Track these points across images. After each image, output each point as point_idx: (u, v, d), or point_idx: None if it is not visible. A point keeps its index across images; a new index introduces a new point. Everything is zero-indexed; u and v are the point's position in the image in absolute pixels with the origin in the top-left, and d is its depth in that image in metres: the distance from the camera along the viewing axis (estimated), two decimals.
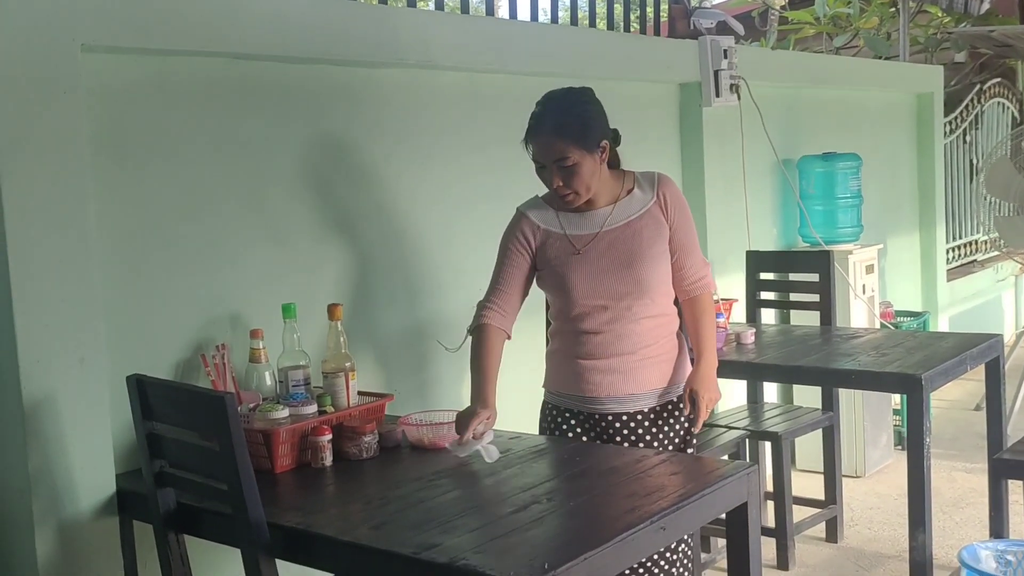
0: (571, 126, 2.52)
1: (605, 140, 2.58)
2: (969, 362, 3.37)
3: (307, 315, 2.80)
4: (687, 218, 2.70)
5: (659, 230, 2.64)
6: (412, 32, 3.10)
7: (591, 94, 2.64)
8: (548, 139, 2.52)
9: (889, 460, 4.93)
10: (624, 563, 1.93)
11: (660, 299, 2.66)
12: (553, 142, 2.51)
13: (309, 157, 2.93)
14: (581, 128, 2.52)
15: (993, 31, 7.01)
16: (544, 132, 2.53)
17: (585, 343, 2.64)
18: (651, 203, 2.65)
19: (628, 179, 2.69)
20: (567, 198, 2.58)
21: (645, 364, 2.64)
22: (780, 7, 8.66)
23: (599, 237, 2.62)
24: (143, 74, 2.54)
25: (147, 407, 2.22)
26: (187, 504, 2.25)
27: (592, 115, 2.58)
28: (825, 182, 4.94)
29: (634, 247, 2.61)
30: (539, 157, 2.56)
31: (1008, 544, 3.20)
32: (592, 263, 2.61)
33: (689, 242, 2.70)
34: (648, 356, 2.65)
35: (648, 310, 2.63)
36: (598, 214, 2.64)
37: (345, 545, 1.97)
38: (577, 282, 2.61)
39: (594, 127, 2.56)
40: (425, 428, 2.57)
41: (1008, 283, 7.78)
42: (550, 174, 2.55)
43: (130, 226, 2.53)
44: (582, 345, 2.64)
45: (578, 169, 2.53)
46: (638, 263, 2.60)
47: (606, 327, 2.61)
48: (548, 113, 2.56)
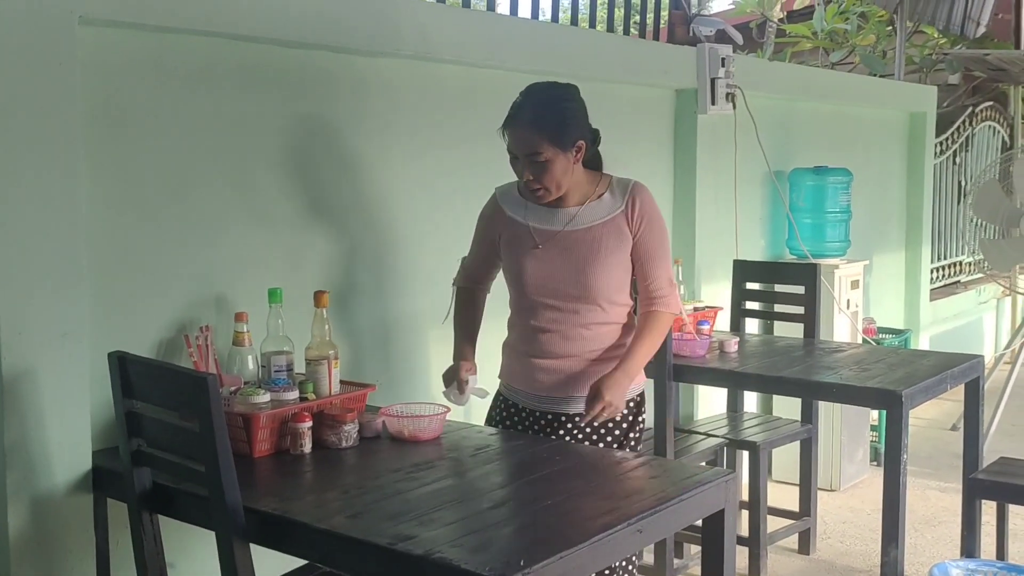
0: (549, 122, 2.49)
1: (582, 140, 2.55)
2: (950, 381, 3.39)
3: (293, 301, 2.79)
4: (656, 231, 2.63)
5: (620, 239, 2.60)
6: (412, 23, 3.09)
7: (575, 92, 2.60)
8: (524, 132, 2.50)
9: (864, 475, 4.96)
10: (600, 563, 1.93)
11: (611, 308, 2.62)
12: (528, 135, 2.49)
13: (303, 143, 2.92)
14: (559, 125, 2.50)
15: (988, 55, 7.06)
16: (521, 124, 2.50)
17: (534, 340, 2.65)
18: (618, 211, 2.60)
19: (603, 182, 2.65)
20: (536, 192, 2.56)
21: (590, 368, 2.62)
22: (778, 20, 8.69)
23: (559, 236, 2.60)
24: (140, 50, 2.52)
25: (127, 385, 2.20)
26: (163, 484, 2.24)
27: (572, 113, 2.55)
28: (815, 195, 4.96)
29: (590, 253, 2.58)
30: (513, 148, 2.54)
31: (979, 564, 3.22)
32: (547, 261, 2.60)
33: (655, 255, 2.63)
34: (593, 360, 2.62)
35: (596, 317, 2.61)
36: (564, 212, 2.61)
37: (320, 532, 1.96)
38: (530, 276, 2.61)
39: (572, 126, 2.53)
40: (406, 420, 2.57)
41: (990, 305, 7.84)
42: (522, 166, 2.54)
43: (120, 202, 2.51)
44: (531, 342, 2.65)
45: (550, 166, 2.50)
46: (590, 269, 2.57)
47: (554, 326, 2.61)
48: (528, 105, 2.52)
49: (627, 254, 2.61)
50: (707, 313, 3.96)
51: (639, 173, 4.16)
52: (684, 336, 3.69)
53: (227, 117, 2.72)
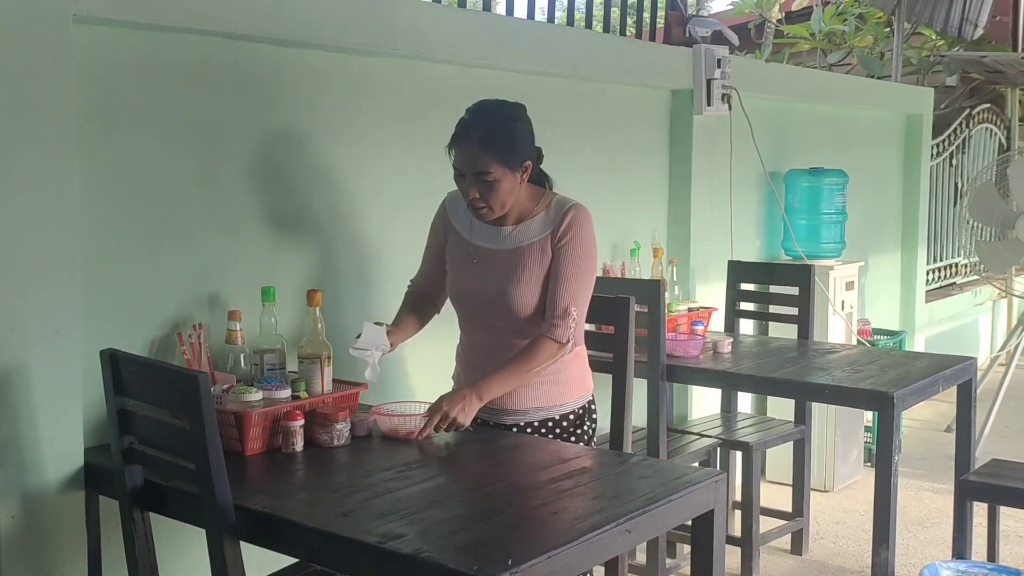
0: (498, 141, 2.48)
1: (529, 160, 2.56)
2: (942, 383, 3.39)
3: (286, 300, 2.80)
4: (573, 255, 2.56)
5: (543, 259, 2.58)
6: (407, 22, 3.09)
7: (523, 111, 2.61)
8: (473, 150, 2.49)
9: (858, 476, 4.97)
10: (588, 563, 1.94)
11: (534, 329, 2.58)
12: (477, 154, 2.48)
13: (299, 141, 2.92)
14: (507, 145, 2.49)
15: (985, 57, 7.07)
16: (470, 142, 2.49)
17: (470, 352, 2.72)
18: (546, 233, 2.58)
19: (544, 201, 2.63)
20: (480, 211, 2.56)
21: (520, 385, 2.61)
22: (776, 20, 8.70)
23: (493, 254, 2.62)
24: (134, 48, 2.53)
25: (119, 382, 2.21)
26: (154, 482, 2.24)
27: (520, 133, 2.55)
28: (811, 197, 4.97)
29: (513, 274, 2.58)
30: (460, 165, 2.53)
31: (969, 565, 3.24)
32: (478, 278, 2.63)
33: (563, 277, 2.55)
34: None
35: (520, 337, 2.59)
36: (501, 231, 2.62)
37: (310, 531, 1.97)
38: (463, 290, 2.67)
39: (520, 146, 2.53)
40: (397, 419, 2.57)
41: (986, 307, 7.85)
42: (468, 184, 2.52)
43: (114, 200, 2.51)
44: (469, 353, 2.73)
45: (497, 185, 2.50)
46: (511, 290, 2.57)
47: (484, 341, 2.66)
48: (477, 124, 2.51)
49: (542, 278, 2.59)
50: (701, 314, 3.97)
51: (635, 173, 4.21)
52: (678, 336, 3.70)
53: (221, 115, 2.73)
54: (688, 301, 4.12)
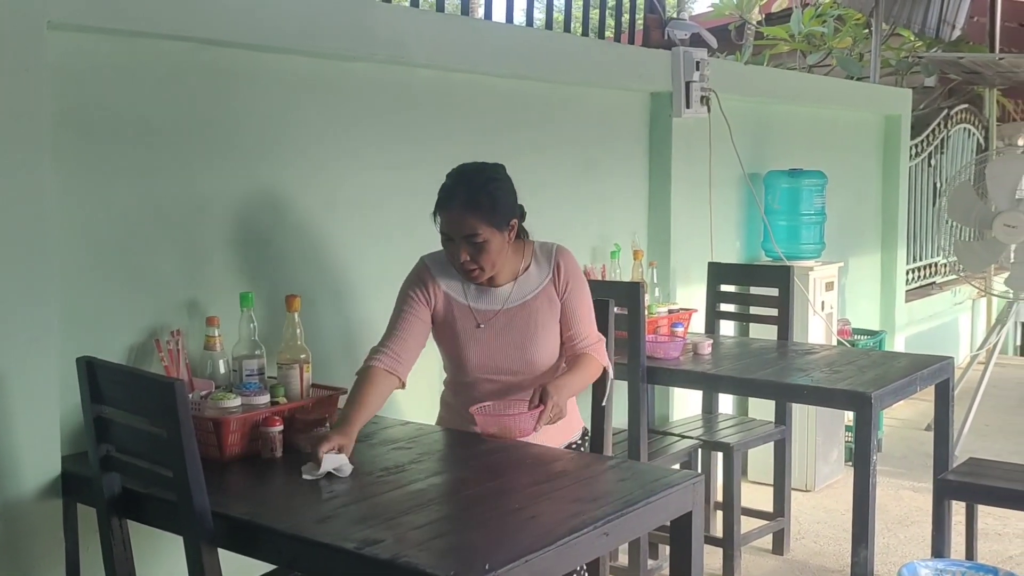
0: (482, 203, 2.53)
1: (514, 219, 2.61)
2: (919, 383, 3.42)
3: (265, 305, 2.79)
4: (580, 291, 2.70)
5: (552, 309, 2.67)
6: (386, 27, 3.09)
7: (502, 171, 2.65)
8: (459, 214, 2.53)
9: (839, 475, 4.99)
10: (566, 566, 1.94)
11: (549, 373, 2.69)
12: (464, 217, 2.52)
13: (275, 147, 2.92)
14: (492, 206, 2.54)
15: (963, 58, 7.12)
16: (455, 207, 2.54)
17: (475, 400, 2.64)
18: (547, 280, 2.68)
19: (527, 251, 2.70)
20: (472, 273, 2.60)
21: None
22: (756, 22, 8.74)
23: (499, 315, 2.65)
24: (110, 54, 2.52)
25: (96, 390, 2.20)
26: (132, 490, 2.23)
27: (503, 192, 2.59)
28: (790, 198, 4.99)
29: (529, 329, 2.64)
30: (448, 230, 2.57)
31: (947, 564, 3.26)
32: (489, 341, 2.65)
33: (581, 313, 2.70)
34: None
35: (537, 381, 2.64)
36: (500, 291, 2.67)
37: (288, 537, 1.97)
38: (473, 356, 2.66)
39: (504, 205, 2.58)
40: (509, 419, 2.47)
41: (965, 306, 7.91)
42: (457, 248, 2.56)
43: (90, 207, 2.50)
44: (474, 401, 2.64)
45: (487, 246, 2.55)
46: (531, 345, 2.64)
47: (494, 396, 2.65)
48: (460, 188, 2.56)
49: (558, 319, 2.69)
50: (681, 315, 3.99)
51: (614, 176, 4.22)
52: (658, 338, 3.71)
53: (198, 121, 2.72)
54: (668, 303, 4.13)
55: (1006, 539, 4.22)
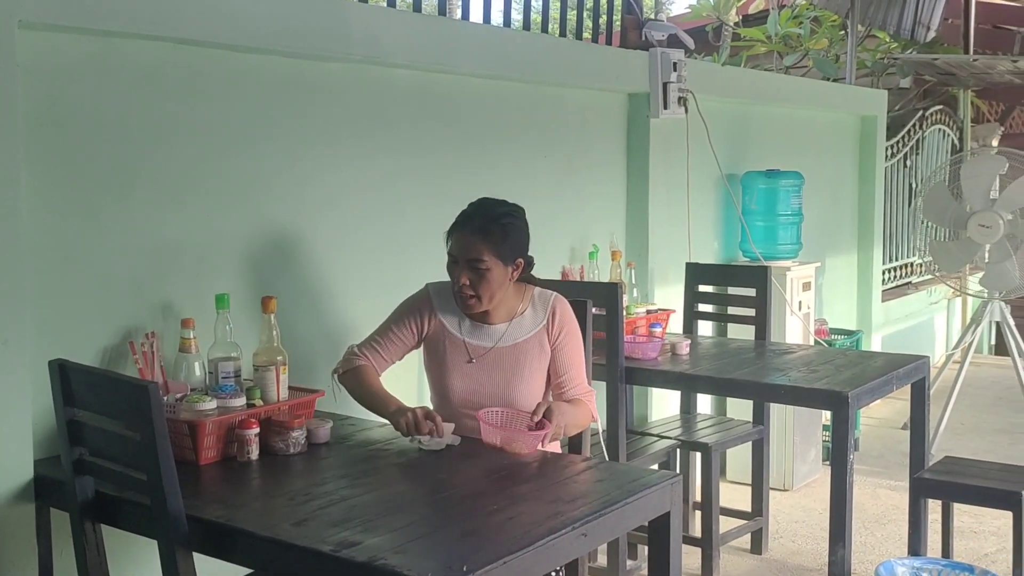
0: (494, 232, 2.60)
1: (521, 259, 2.67)
2: (896, 382, 3.44)
3: (241, 307, 2.77)
4: (573, 338, 2.77)
5: (541, 355, 2.73)
6: (362, 27, 3.08)
7: (522, 213, 2.72)
8: (469, 237, 2.60)
9: (817, 475, 5.02)
10: (544, 568, 1.94)
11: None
12: (473, 241, 2.60)
13: (251, 147, 2.90)
14: (503, 237, 2.61)
15: (937, 59, 7.18)
16: (467, 229, 2.61)
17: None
18: (540, 326, 2.73)
19: (527, 296, 2.76)
20: (469, 300, 2.65)
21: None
22: (734, 24, 8.78)
23: (490, 352, 2.71)
24: (84, 54, 2.50)
25: (69, 393, 2.18)
26: (106, 493, 2.21)
27: (516, 230, 2.66)
28: (767, 198, 5.01)
29: (515, 371, 2.70)
30: (455, 251, 2.63)
31: (924, 562, 3.29)
32: (476, 377, 2.70)
33: (574, 361, 2.76)
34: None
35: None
36: (495, 329, 2.72)
37: (264, 541, 1.95)
38: (458, 389, 2.70)
39: (515, 241, 2.65)
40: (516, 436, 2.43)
41: (941, 306, 7.97)
42: (460, 270, 2.62)
43: (63, 207, 2.48)
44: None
45: (488, 275, 2.60)
46: (515, 387, 2.69)
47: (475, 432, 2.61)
48: (477, 214, 2.64)
49: (546, 365, 2.75)
50: (660, 316, 3.99)
51: (592, 177, 4.22)
52: (637, 339, 3.71)
53: (173, 121, 2.70)
54: (646, 303, 4.14)
55: (981, 537, 4.25)
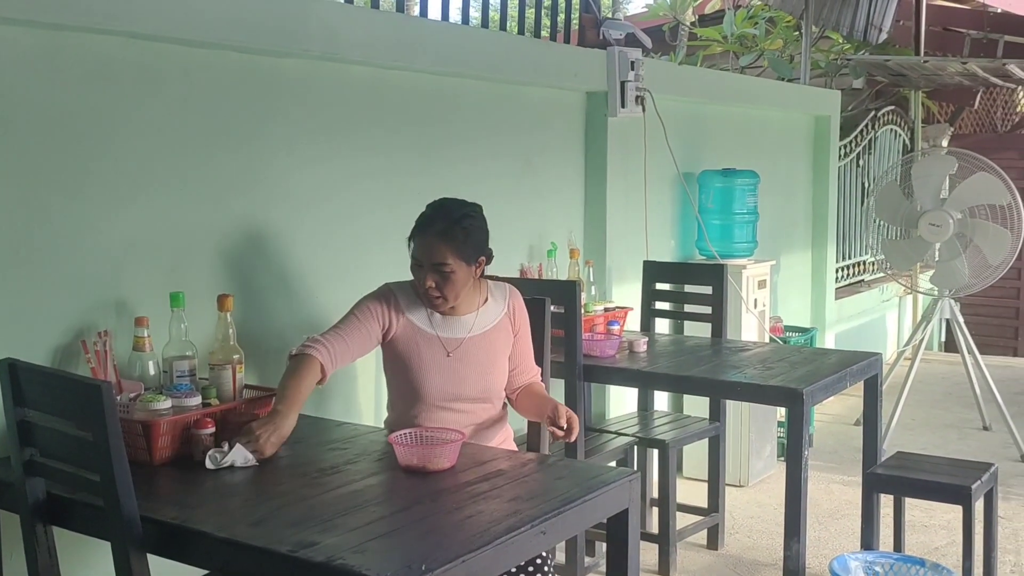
0: (456, 235, 2.65)
1: (483, 256, 2.74)
2: (849, 379, 3.48)
3: (196, 305, 2.74)
4: (528, 328, 2.93)
5: (507, 341, 2.85)
6: (318, 23, 3.05)
7: (481, 211, 2.77)
8: (432, 241, 2.65)
9: (772, 471, 5.07)
10: (503, 566, 1.94)
11: (498, 403, 2.86)
12: (436, 245, 2.64)
13: (205, 144, 2.86)
14: (464, 239, 2.66)
15: (889, 60, 7.28)
16: (429, 234, 2.66)
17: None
18: (503, 315, 2.85)
19: (484, 288, 2.85)
20: (435, 301, 2.71)
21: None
22: (690, 23, 8.84)
23: (465, 343, 2.77)
24: (33, 47, 2.45)
25: (19, 393, 2.13)
26: (58, 495, 2.17)
27: (476, 231, 2.71)
28: (723, 197, 5.05)
29: (490, 356, 2.79)
30: (419, 255, 2.68)
31: (876, 556, 3.33)
32: (455, 369, 2.74)
33: (528, 350, 2.93)
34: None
35: (488, 413, 2.82)
36: (464, 320, 2.78)
37: (221, 541, 1.93)
38: (437, 382, 2.72)
39: (476, 241, 2.70)
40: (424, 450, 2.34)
41: (892, 303, 8.11)
42: (425, 274, 2.67)
43: (10, 203, 2.43)
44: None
45: (453, 276, 2.66)
46: (491, 371, 2.79)
47: (445, 422, 2.69)
48: (438, 218, 2.68)
49: (508, 353, 2.86)
50: (617, 313, 4.01)
51: (550, 175, 4.22)
52: (595, 336, 3.73)
53: (126, 116, 2.66)
54: (604, 301, 4.16)
55: (932, 531, 4.32)
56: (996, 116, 9.42)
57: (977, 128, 9.40)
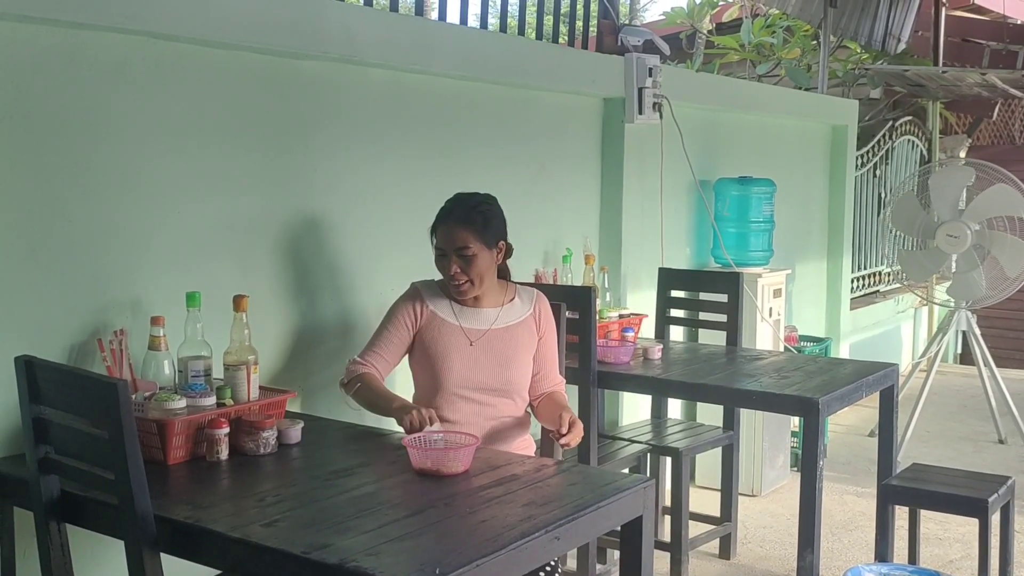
0: (475, 220, 2.79)
1: (503, 241, 2.86)
2: (865, 389, 3.46)
3: (212, 305, 2.74)
4: (554, 336, 3.01)
5: (530, 340, 2.92)
6: (338, 25, 3.06)
7: (496, 201, 2.90)
8: (453, 228, 2.78)
9: (785, 480, 5.04)
10: (517, 571, 1.93)
11: (520, 403, 2.91)
12: (457, 231, 2.78)
13: (223, 144, 2.87)
14: (483, 223, 2.80)
15: (908, 71, 7.25)
16: (450, 222, 2.80)
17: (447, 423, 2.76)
18: (528, 315, 2.94)
19: (510, 290, 2.96)
20: (462, 286, 2.80)
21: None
22: (707, 31, 8.83)
23: (488, 334, 2.86)
24: (54, 45, 2.46)
25: (35, 390, 2.14)
26: (72, 493, 2.17)
27: (494, 216, 2.86)
28: (740, 205, 5.03)
29: (511, 350, 2.87)
30: (442, 244, 2.80)
31: (891, 568, 3.30)
32: (475, 358, 2.82)
33: (552, 357, 2.99)
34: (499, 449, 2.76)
35: (508, 409, 2.87)
36: (488, 312, 2.88)
37: (234, 542, 1.92)
38: (457, 369, 2.80)
39: (495, 226, 2.84)
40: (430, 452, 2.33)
41: (908, 315, 8.06)
42: (449, 261, 2.79)
43: (30, 201, 2.43)
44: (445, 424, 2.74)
45: (475, 260, 2.78)
46: (512, 365, 2.86)
47: (467, 418, 2.79)
48: (456, 207, 2.83)
49: (533, 353, 2.93)
50: (632, 320, 4.00)
51: (566, 180, 4.22)
52: (609, 343, 3.71)
53: (144, 116, 2.66)
54: (619, 308, 4.14)
55: (946, 544, 4.29)
56: (1014, 128, 9.38)
57: (995, 140, 9.36)
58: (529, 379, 2.93)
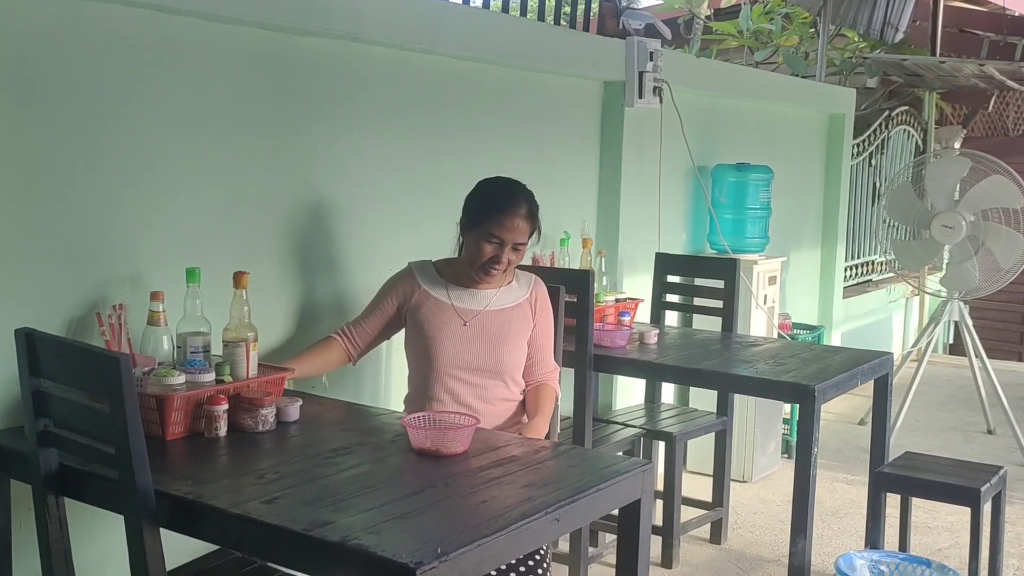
0: (536, 218, 2.80)
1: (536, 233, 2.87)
2: (860, 377, 3.47)
3: (212, 281, 2.73)
4: (550, 322, 2.99)
5: (525, 324, 2.90)
6: (342, 2, 3.04)
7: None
8: (520, 223, 2.74)
9: (775, 467, 5.07)
10: (517, 551, 1.94)
11: (513, 386, 2.89)
12: (523, 227, 2.75)
13: (226, 120, 2.85)
14: (537, 222, 2.82)
15: (905, 60, 7.25)
16: (519, 216, 2.74)
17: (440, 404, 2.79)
18: (524, 299, 2.92)
19: (510, 272, 2.91)
20: (492, 274, 2.79)
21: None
22: (705, 17, 8.79)
23: (481, 315, 2.84)
24: (56, 17, 2.43)
25: (35, 363, 2.13)
26: (70, 466, 2.17)
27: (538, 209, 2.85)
28: (737, 192, 5.04)
29: (503, 332, 2.85)
30: (502, 235, 2.74)
31: (882, 555, 3.33)
32: (467, 337, 2.81)
33: (547, 343, 2.97)
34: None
35: (500, 392, 2.86)
36: (483, 294, 2.87)
37: (234, 517, 1.92)
38: (448, 348, 2.79)
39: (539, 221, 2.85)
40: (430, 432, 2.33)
41: (900, 304, 8.09)
42: (502, 251, 2.75)
43: (29, 173, 2.41)
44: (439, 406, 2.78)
45: (523, 252, 2.81)
46: (503, 346, 2.83)
47: (459, 398, 2.78)
48: (523, 200, 2.77)
49: (527, 338, 2.91)
50: (628, 304, 4.00)
51: (565, 163, 4.21)
52: (605, 327, 3.72)
53: (146, 89, 2.64)
54: (616, 292, 4.15)
55: (935, 532, 4.32)
56: (1008, 120, 9.38)
57: (989, 131, 9.37)
58: (523, 363, 2.92)
